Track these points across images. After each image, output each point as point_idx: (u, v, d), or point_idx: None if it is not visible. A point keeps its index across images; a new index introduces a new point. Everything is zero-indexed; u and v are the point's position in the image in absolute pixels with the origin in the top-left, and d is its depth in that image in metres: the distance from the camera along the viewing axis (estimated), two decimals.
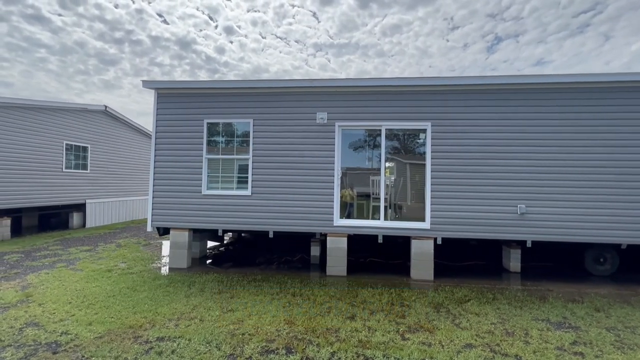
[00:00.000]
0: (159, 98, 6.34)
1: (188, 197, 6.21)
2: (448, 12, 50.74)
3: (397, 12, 52.20)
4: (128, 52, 52.50)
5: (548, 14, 43.79)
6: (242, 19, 59.01)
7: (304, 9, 56.54)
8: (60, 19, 40.96)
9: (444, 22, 53.03)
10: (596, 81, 5.44)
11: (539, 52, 53.15)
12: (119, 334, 3.43)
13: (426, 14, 52.37)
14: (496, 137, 5.63)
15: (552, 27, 45.56)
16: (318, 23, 58.15)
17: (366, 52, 63.08)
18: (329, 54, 64.51)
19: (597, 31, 43.99)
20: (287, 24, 57.70)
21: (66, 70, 48.47)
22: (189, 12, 54.45)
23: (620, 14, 40.13)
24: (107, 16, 44.66)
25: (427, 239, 5.72)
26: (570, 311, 4.25)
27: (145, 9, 48.93)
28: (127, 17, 47.21)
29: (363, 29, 56.22)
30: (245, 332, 3.53)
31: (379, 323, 3.80)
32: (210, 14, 56.74)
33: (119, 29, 47.30)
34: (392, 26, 54.37)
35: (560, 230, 5.49)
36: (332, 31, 57.88)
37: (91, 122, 11.49)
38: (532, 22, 46.42)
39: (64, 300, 4.33)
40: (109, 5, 43.44)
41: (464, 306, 4.39)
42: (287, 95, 6.06)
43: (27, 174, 9.24)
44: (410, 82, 5.73)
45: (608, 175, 5.44)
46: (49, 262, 6.36)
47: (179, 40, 55.22)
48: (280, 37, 60.39)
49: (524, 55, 54.17)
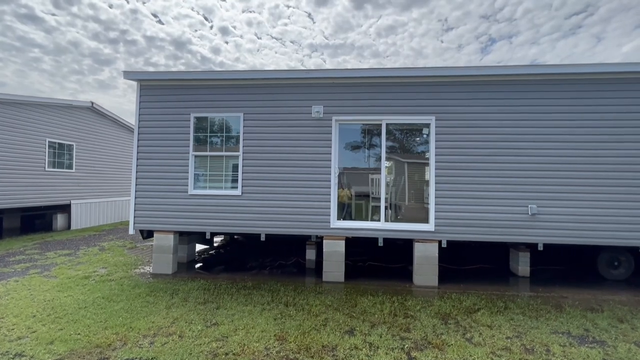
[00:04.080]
0: (142, 90, 5.87)
1: (173, 197, 5.75)
2: (442, 13, 50.68)
3: (392, 13, 52.07)
4: (123, 52, 51.87)
5: (541, 16, 43.89)
6: (237, 19, 58.54)
7: (299, 9, 56.22)
8: (54, 19, 40.30)
9: (439, 23, 52.99)
10: (618, 71, 5.05)
11: (532, 53, 53.26)
12: (83, 355, 2.98)
13: (420, 15, 52.28)
14: (505, 132, 5.23)
15: (545, 28, 45.68)
16: (313, 24, 57.82)
17: (361, 52, 62.83)
18: (324, 54, 64.20)
19: (589, 32, 44.16)
20: (282, 25, 57.32)
21: (60, 70, 47.77)
22: (183, 12, 53.91)
23: (611, 15, 40.28)
24: (101, 16, 44.05)
25: (431, 241, 5.30)
26: (591, 322, 3.85)
27: (140, 9, 48.39)
28: (122, 17, 46.63)
29: (358, 30, 55.99)
30: (229, 351, 3.09)
31: (381, 338, 3.37)
32: (205, 15, 56.23)
33: (113, 29, 46.71)
34: (387, 27, 54.18)
35: (574, 232, 5.10)
36: (328, 32, 57.57)
37: (77, 119, 10.96)
38: (525, 24, 46.50)
39: (28, 314, 3.86)
40: (103, 5, 42.85)
41: (474, 317, 3.98)
42: (280, 88, 5.62)
43: (6, 174, 8.71)
44: (413, 73, 5.32)
45: (625, 173, 5.06)
46: (21, 268, 5.87)
47: (174, 41, 54.65)
48: (276, 37, 59.99)
49: (517, 56, 54.24)
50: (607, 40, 43.52)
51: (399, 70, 5.34)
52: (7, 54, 39.57)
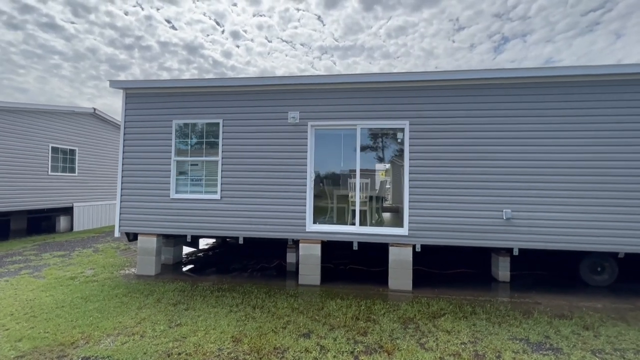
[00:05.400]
0: (127, 98, 6.10)
1: (156, 201, 5.94)
2: (453, 12, 50.11)
3: (402, 14, 51.85)
4: (138, 57, 53.43)
5: (556, 13, 42.79)
6: (248, 23, 59.44)
7: (309, 12, 56.65)
8: (73, 27, 41.92)
9: (450, 23, 52.42)
10: (591, 74, 4.98)
11: (547, 52, 51.98)
12: (44, 352, 3.15)
13: (431, 15, 51.86)
14: (479, 136, 5.20)
15: (561, 25, 44.51)
16: (323, 26, 58.12)
17: (372, 54, 62.72)
18: (334, 56, 64.38)
19: (607, 29, 42.79)
20: (292, 28, 57.87)
21: (79, 76, 49.56)
22: (196, 18, 55.11)
23: (631, 11, 38.92)
24: (117, 23, 45.53)
25: (405, 246, 5.31)
26: (555, 329, 3.80)
27: (154, 15, 49.77)
28: (137, 24, 48.05)
29: (368, 31, 55.96)
30: (183, 351, 3.21)
31: (335, 342, 3.42)
32: (217, 19, 57.32)
33: (129, 35, 48.16)
34: (397, 28, 53.99)
35: (551, 237, 5.03)
36: (337, 34, 57.77)
37: (79, 124, 11.40)
38: (539, 22, 45.43)
39: (7, 312, 4.08)
40: (119, 13, 44.31)
41: (436, 322, 3.99)
42: (257, 94, 5.75)
43: (11, 178, 9.14)
44: (385, 79, 5.36)
45: (605, 177, 4.96)
46: (15, 268, 6.17)
47: (186, 45, 55.91)
48: (286, 40, 60.61)
49: (532, 54, 53.03)
50: (626, 37, 42.08)
51: (372, 76, 5.39)
52: (30, 61, 41.40)
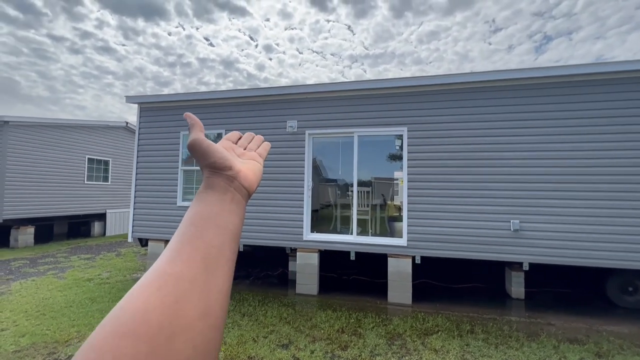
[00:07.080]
0: (142, 112, 6.55)
1: (165, 208, 6.25)
2: (489, 14, 48.15)
3: (434, 19, 50.83)
4: (179, 73, 57.33)
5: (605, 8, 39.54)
6: (280, 36, 61.55)
7: (339, 23, 57.47)
8: (123, 49, 46.11)
9: (485, 24, 50.40)
10: (614, 71, 4.51)
11: (597, 49, 48.04)
12: (39, 348, 3.40)
13: (465, 19, 50.26)
14: (483, 141, 4.89)
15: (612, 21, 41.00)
16: (353, 35, 58.54)
17: (402, 60, 61.94)
18: (364, 64, 64.42)
19: None
20: (322, 39, 58.93)
21: (128, 93, 54.19)
22: (231, 34, 58.11)
23: None
24: (162, 43, 49.35)
25: (404, 257, 5.09)
26: (560, 355, 3.41)
27: (194, 34, 53.27)
28: (179, 43, 51.74)
29: (399, 38, 55.46)
30: None
31: (312, 355, 3.34)
32: (251, 34, 59.99)
33: (171, 53, 51.95)
34: (428, 33, 52.99)
35: (567, 251, 4.55)
36: (367, 42, 57.87)
37: (113, 137, 12.38)
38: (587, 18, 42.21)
39: (22, 309, 4.47)
40: (164, 34, 47.98)
41: (427, 339, 3.75)
42: (257, 104, 5.90)
43: (53, 187, 10.12)
44: (382, 85, 5.25)
45: (631, 185, 4.42)
46: (44, 269, 6.77)
47: (223, 60, 59.00)
48: (317, 51, 61.81)
49: (579, 53, 49.26)
50: None
51: (369, 83, 5.31)
52: (87, 81, 46.11)
